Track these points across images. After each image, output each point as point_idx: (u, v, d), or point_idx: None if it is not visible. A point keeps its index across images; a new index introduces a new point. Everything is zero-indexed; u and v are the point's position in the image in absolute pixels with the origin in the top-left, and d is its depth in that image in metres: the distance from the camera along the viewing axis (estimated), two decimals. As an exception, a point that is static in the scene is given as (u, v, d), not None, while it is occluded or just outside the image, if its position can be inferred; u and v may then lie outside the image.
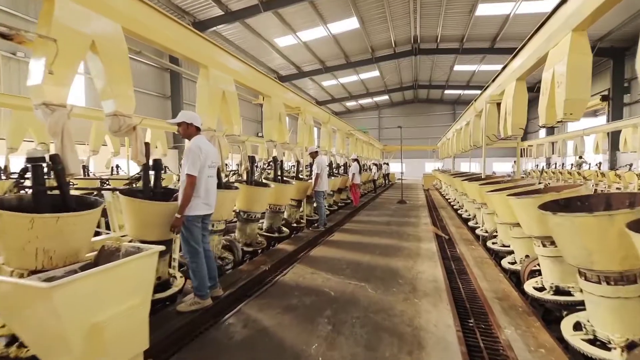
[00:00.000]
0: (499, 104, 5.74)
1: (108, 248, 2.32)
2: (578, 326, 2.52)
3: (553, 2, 3.38)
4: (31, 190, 2.28)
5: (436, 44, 19.63)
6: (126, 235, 3.21)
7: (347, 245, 5.72)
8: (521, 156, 22.94)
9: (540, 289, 3.26)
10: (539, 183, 4.18)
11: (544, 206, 2.65)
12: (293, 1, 13.43)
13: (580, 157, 12.33)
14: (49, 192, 2.34)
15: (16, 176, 2.54)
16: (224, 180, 4.61)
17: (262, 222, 5.88)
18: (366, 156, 16.93)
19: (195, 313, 2.97)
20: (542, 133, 23.38)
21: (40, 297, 1.56)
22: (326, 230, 6.88)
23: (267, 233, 5.70)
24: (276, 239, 5.85)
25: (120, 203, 3.13)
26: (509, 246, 4.76)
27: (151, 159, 3.21)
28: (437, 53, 20.51)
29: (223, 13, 14.05)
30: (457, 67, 23.44)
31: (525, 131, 5.44)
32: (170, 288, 3.40)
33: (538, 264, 3.63)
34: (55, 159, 2.35)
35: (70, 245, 2.22)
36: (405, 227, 7.29)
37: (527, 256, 4.00)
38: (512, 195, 3.48)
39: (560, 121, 3.38)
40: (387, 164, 23.14)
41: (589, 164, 12.88)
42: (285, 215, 6.60)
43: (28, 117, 5.97)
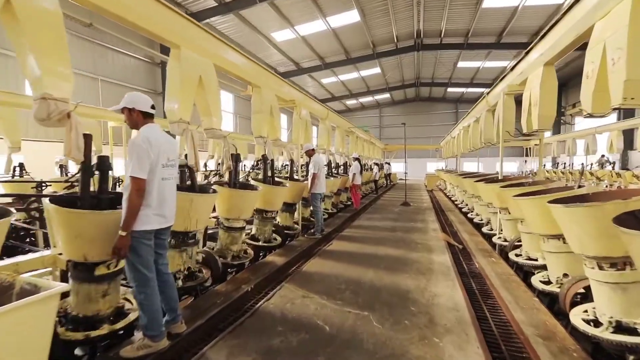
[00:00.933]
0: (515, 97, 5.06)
1: (-2, 283, 1.62)
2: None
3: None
4: None
5: (440, 39, 18.90)
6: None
7: (347, 257, 4.98)
8: (526, 155, 22.21)
9: (591, 322, 2.56)
10: (578, 187, 3.46)
11: (618, 220, 1.94)
12: (290, -9, 12.75)
13: (602, 156, 11.54)
14: None
15: None
16: (204, 182, 3.92)
17: (251, 229, 5.19)
18: (367, 155, 16.20)
19: (144, 360, 2.25)
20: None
21: None
22: (323, 237, 6.15)
23: (255, 242, 4.99)
24: (266, 249, 5.14)
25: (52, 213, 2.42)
26: (537, 260, 4.07)
27: (94, 156, 2.50)
28: (441, 48, 19.80)
29: (217, 4, 13.33)
30: (461, 64, 22.76)
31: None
32: (125, 317, 2.72)
33: (583, 287, 2.95)
34: None
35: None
36: (412, 234, 6.55)
37: (566, 275, 3.30)
38: (554, 202, 2.77)
39: (616, 108, 2.69)
40: (389, 164, 22.40)
41: (613, 163, 12.01)
42: (277, 220, 5.91)
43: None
